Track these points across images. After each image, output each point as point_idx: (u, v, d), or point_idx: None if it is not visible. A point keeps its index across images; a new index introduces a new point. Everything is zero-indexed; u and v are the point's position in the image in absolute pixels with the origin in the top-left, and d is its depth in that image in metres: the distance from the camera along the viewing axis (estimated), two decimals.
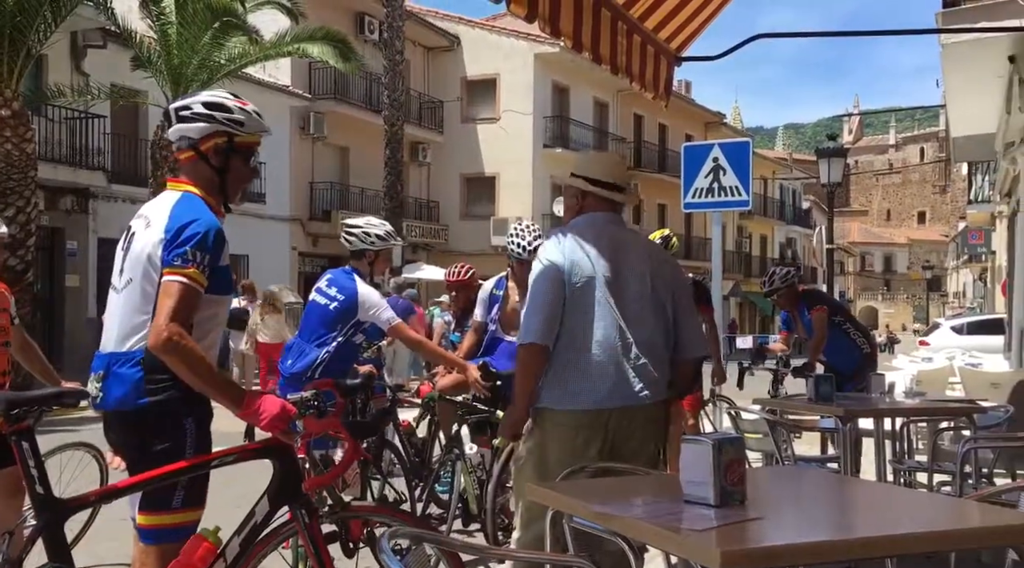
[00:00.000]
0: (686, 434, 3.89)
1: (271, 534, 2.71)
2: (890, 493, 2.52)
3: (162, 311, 2.36)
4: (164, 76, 14.77)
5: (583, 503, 2.29)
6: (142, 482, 2.44)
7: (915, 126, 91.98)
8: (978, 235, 29.53)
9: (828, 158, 13.12)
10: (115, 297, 2.60)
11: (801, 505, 2.42)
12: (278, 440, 2.58)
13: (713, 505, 2.06)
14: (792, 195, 47.26)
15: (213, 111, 2.56)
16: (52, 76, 15.58)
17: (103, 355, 2.56)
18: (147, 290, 2.48)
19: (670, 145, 32.51)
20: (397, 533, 2.08)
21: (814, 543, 1.90)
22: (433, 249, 26.37)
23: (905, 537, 1.96)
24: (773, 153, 61.28)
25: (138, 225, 2.61)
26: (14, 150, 12.57)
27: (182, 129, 2.57)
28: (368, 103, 23.72)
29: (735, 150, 7.48)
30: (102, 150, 16.66)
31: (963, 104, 9.10)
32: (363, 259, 4.45)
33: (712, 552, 1.74)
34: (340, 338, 4.33)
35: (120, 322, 2.54)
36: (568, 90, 28.56)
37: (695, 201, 7.49)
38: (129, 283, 2.54)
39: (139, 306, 2.50)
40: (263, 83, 20.47)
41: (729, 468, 2.09)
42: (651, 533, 1.98)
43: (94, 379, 2.55)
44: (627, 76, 4.12)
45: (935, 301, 59.22)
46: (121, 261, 2.60)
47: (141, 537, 2.55)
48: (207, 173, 2.59)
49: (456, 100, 27.28)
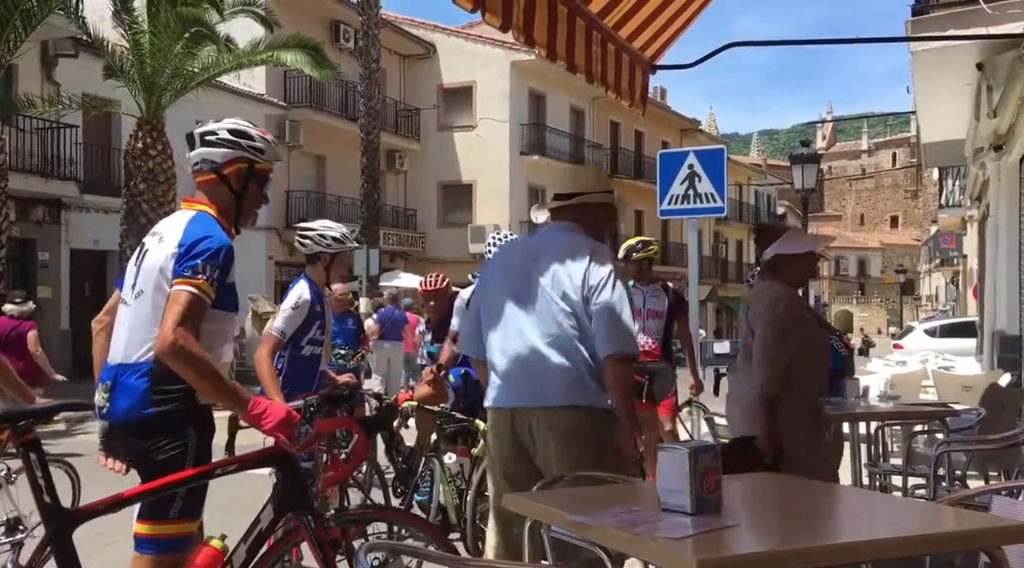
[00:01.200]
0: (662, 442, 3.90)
1: (279, 542, 2.79)
2: (865, 498, 2.54)
3: (169, 317, 2.44)
4: (137, 85, 14.65)
5: (560, 512, 2.28)
6: (150, 491, 2.48)
7: (887, 132, 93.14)
8: (950, 239, 29.94)
9: (802, 164, 13.25)
10: (125, 310, 2.67)
11: (777, 512, 2.43)
12: (281, 449, 2.65)
13: (690, 513, 2.07)
14: (767, 200, 47.68)
15: (238, 138, 2.72)
16: (23, 86, 15.39)
17: (111, 367, 2.62)
18: (158, 303, 2.55)
19: (646, 152, 32.71)
20: (375, 546, 2.06)
21: (790, 550, 1.91)
22: (411, 257, 26.31)
23: (881, 542, 1.98)
24: (748, 159, 61.82)
25: (151, 242, 2.69)
26: None
27: (206, 153, 2.71)
28: (344, 111, 23.65)
29: (710, 157, 7.54)
30: (74, 160, 16.48)
31: (933, 110, 9.23)
32: (318, 263, 4.28)
33: (688, 560, 1.74)
34: (284, 352, 4.14)
35: (129, 334, 2.61)
36: (545, 97, 28.65)
37: (671, 208, 7.53)
38: (140, 295, 2.62)
39: (149, 318, 2.57)
40: (238, 92, 20.35)
41: (705, 476, 2.10)
42: (628, 542, 1.98)
43: (101, 390, 2.60)
44: (603, 85, 4.14)
45: (909, 304, 59.90)
46: (134, 276, 2.68)
47: (137, 546, 2.58)
48: (226, 196, 2.73)
49: (432, 108, 27.28)
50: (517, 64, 26.33)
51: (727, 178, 7.55)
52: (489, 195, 26.90)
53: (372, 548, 2.08)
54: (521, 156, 27.18)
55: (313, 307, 4.19)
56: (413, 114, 27.02)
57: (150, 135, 14.88)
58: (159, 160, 14.97)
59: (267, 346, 4.04)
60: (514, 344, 3.05)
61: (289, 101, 22.52)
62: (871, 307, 70.12)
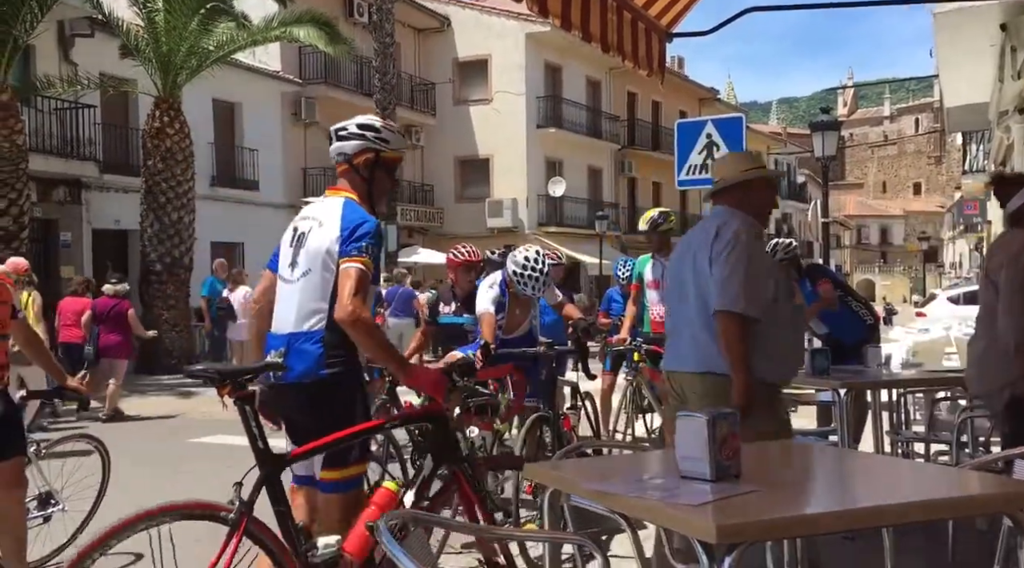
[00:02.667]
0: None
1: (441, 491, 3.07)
2: (887, 464, 2.53)
3: (345, 291, 2.77)
4: (153, 64, 14.67)
5: (580, 481, 2.29)
6: (332, 442, 2.82)
7: (909, 97, 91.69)
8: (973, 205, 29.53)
9: (822, 131, 13.06)
10: (288, 287, 3.00)
11: (798, 478, 2.43)
12: (436, 406, 3.05)
13: (709, 480, 2.07)
14: (787, 169, 47.19)
15: (364, 131, 3.02)
16: (40, 66, 15.45)
17: (282, 335, 2.95)
18: (325, 278, 2.89)
19: (664, 122, 32.39)
20: (395, 516, 2.09)
21: (811, 515, 1.91)
22: (429, 233, 26.32)
23: (902, 506, 1.97)
24: (767, 128, 61.16)
25: (306, 226, 3.02)
26: (4, 142, 12.51)
27: (340, 146, 3.04)
28: (359, 87, 23.57)
29: (728, 126, 7.44)
30: (93, 140, 16.55)
31: (956, 73, 9.06)
32: None
33: (708, 526, 1.74)
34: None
35: (299, 306, 2.93)
36: (560, 69, 28.40)
37: (689, 178, 7.46)
38: (307, 274, 2.94)
39: (318, 292, 2.91)
40: (253, 69, 20.34)
41: (724, 443, 2.10)
42: (647, 509, 1.99)
43: (275, 355, 2.92)
44: (619, 54, 4.09)
45: (932, 272, 59.27)
46: (292, 256, 3.01)
47: (322, 489, 2.94)
48: (359, 183, 3.04)
49: (448, 82, 27.12)
50: (532, 36, 26.09)
51: (746, 147, 7.47)
52: (506, 169, 26.80)
53: (392, 518, 2.10)
54: (537, 129, 27.02)
55: None
56: (429, 88, 26.89)
57: (167, 114, 14.92)
58: (176, 139, 15.01)
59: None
60: (674, 313, 3.57)
61: (304, 78, 22.47)
62: (893, 276, 69.45)
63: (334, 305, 2.82)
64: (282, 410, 2.99)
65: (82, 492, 4.61)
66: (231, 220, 19.46)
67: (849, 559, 3.89)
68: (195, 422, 9.69)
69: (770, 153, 43.75)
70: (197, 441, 8.49)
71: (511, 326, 5.28)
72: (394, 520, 2.11)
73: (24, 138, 13.13)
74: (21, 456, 3.82)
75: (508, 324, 5.26)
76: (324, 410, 2.87)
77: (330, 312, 2.84)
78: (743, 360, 3.17)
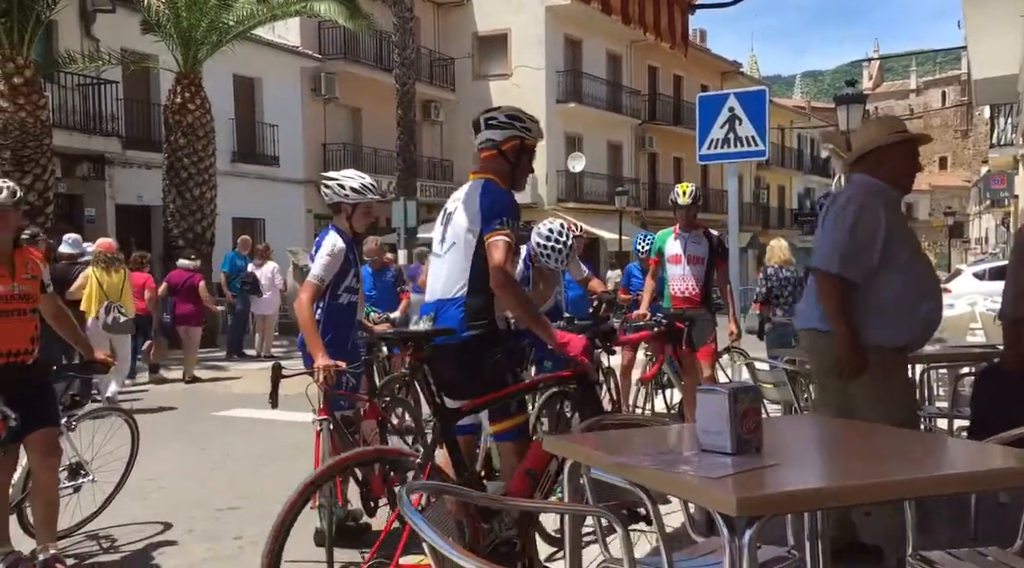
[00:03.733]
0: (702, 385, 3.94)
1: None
2: (910, 438, 2.52)
3: (495, 261, 3.15)
4: (174, 39, 14.69)
5: (600, 453, 2.30)
6: (493, 399, 3.24)
7: (936, 70, 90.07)
8: (1000, 179, 29.08)
9: (847, 105, 12.92)
10: (437, 260, 3.41)
11: (819, 451, 2.43)
12: (582, 368, 3.43)
13: (730, 453, 2.07)
14: (810, 144, 46.62)
15: (512, 120, 3.39)
16: (62, 42, 15.53)
17: (431, 303, 3.35)
18: (467, 251, 3.26)
19: (685, 96, 32.08)
20: (416, 486, 2.11)
21: (832, 487, 1.91)
22: None
23: (924, 480, 1.96)
24: (791, 102, 60.31)
25: (453, 206, 3.41)
26: (28, 118, 12.60)
27: (489, 134, 3.40)
28: (379, 62, 23.51)
29: (751, 99, 7.36)
30: (115, 116, 16.65)
31: (985, 45, 8.89)
32: (340, 213, 4.30)
33: (728, 498, 1.74)
34: (322, 301, 4.18)
35: (447, 276, 3.32)
36: (581, 43, 28.14)
37: (711, 153, 7.40)
38: (452, 247, 3.33)
39: (461, 264, 3.28)
40: (273, 44, 20.32)
41: (745, 416, 2.10)
42: (667, 482, 1.99)
43: (425, 320, 3.33)
44: (640, 27, 4.05)
45: (957, 248, 58.54)
46: (442, 233, 3.41)
47: (497, 439, 3.45)
48: (505, 167, 3.40)
49: (467, 57, 26.97)
50: (552, 9, 25.85)
51: (769, 121, 7.38)
52: None
53: (413, 489, 2.12)
54: (557, 104, 26.85)
55: (347, 255, 4.21)
56: (448, 63, 26.75)
57: (188, 90, 14.96)
58: (197, 114, 15.06)
59: (307, 293, 4.09)
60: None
61: (324, 53, 22.43)
62: None
63: (475, 274, 3.21)
64: (436, 369, 3.25)
65: (111, 464, 4.69)
66: (252, 196, 19.55)
67: (869, 535, 3.88)
68: (218, 396, 9.81)
69: (793, 127, 43.20)
70: (221, 414, 8.60)
71: (536, 301, 5.27)
72: (418, 491, 2.13)
73: (48, 114, 13.22)
74: (55, 426, 3.89)
75: (533, 299, 5.26)
76: (469, 367, 3.22)
77: (471, 280, 3.22)
78: (836, 318, 3.32)
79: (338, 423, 4.07)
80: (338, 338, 4.17)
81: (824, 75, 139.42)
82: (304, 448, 4.70)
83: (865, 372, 3.32)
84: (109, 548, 4.36)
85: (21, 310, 3.79)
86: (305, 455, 4.48)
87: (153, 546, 4.44)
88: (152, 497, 5.40)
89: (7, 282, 3.74)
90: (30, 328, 3.85)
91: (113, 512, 4.76)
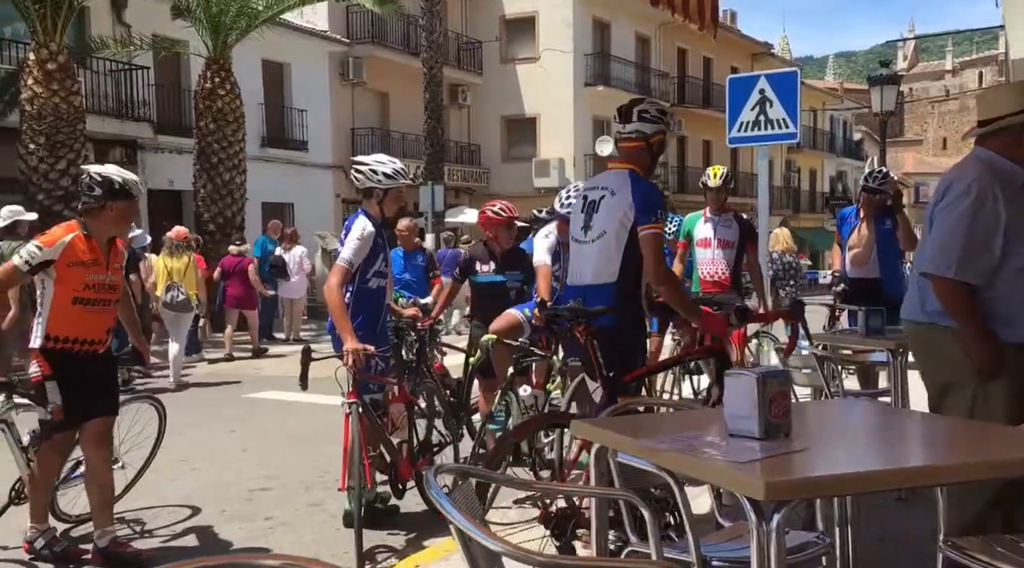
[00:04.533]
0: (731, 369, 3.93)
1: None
2: (941, 423, 2.48)
3: (651, 257, 3.43)
4: (203, 25, 14.77)
5: (628, 438, 2.30)
6: (639, 375, 3.58)
7: (973, 50, 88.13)
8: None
9: (881, 86, 12.68)
10: (582, 247, 3.65)
11: (849, 436, 2.40)
12: (718, 344, 3.67)
13: (758, 438, 2.05)
14: (843, 126, 45.93)
15: (661, 115, 3.68)
16: (94, 28, 15.68)
17: (579, 287, 3.62)
18: (619, 242, 3.50)
19: (715, 79, 31.70)
20: (443, 469, 2.11)
21: (861, 473, 1.89)
22: (475, 193, 26.30)
23: (957, 466, 1.93)
24: (823, 83, 59.39)
25: (597, 194, 3.63)
26: (62, 103, 12.76)
27: (640, 126, 3.61)
28: (406, 46, 23.48)
29: (782, 81, 7.26)
30: (147, 101, 16.81)
31: (1023, 23, 8.67)
32: (371, 198, 4.28)
33: (756, 483, 1.73)
34: (351, 285, 4.19)
35: (595, 264, 3.57)
36: (609, 26, 27.90)
37: (740, 135, 7.31)
38: (602, 236, 3.55)
39: (611, 252, 3.52)
40: (301, 29, 20.37)
41: (774, 401, 2.08)
42: (695, 466, 1.98)
43: (573, 304, 3.55)
44: (669, 8, 3.99)
45: None
46: (586, 220, 3.63)
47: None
48: (647, 159, 3.64)
49: (495, 40, 26.85)
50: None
51: (800, 103, 7.27)
52: (553, 128, 26.56)
53: (441, 471, 2.13)
54: (585, 87, 26.66)
55: (376, 239, 4.21)
56: (475, 47, 26.66)
57: (218, 75, 15.06)
58: (227, 99, 15.16)
59: (337, 277, 4.10)
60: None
61: (352, 37, 22.44)
62: None
63: (625, 263, 3.48)
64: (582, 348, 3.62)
65: (139, 448, 4.74)
66: (281, 181, 19.67)
67: (900, 520, 3.85)
68: (248, 378, 9.92)
69: (825, 109, 42.56)
70: (252, 397, 8.70)
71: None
72: (445, 473, 2.14)
73: (81, 99, 13.37)
74: (112, 416, 3.93)
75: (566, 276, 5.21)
76: (610, 348, 3.46)
77: (622, 268, 3.48)
78: (965, 320, 2.94)
79: (367, 406, 4.10)
80: (367, 322, 4.19)
81: (857, 56, 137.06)
82: (333, 431, 4.74)
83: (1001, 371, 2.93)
84: (142, 530, 4.43)
85: (107, 300, 3.83)
86: (334, 438, 4.53)
87: (186, 527, 4.52)
88: (184, 478, 5.49)
89: (103, 271, 3.78)
90: (110, 319, 3.90)
91: (145, 493, 4.84)
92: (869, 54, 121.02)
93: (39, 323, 3.75)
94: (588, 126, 27.03)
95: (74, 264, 3.69)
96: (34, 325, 3.79)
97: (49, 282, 3.70)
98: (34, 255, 3.66)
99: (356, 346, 3.92)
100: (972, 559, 2.27)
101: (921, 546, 3.39)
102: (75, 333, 3.74)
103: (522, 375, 4.96)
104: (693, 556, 2.19)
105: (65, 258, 3.68)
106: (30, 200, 12.61)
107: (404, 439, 4.45)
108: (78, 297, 3.71)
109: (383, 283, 4.35)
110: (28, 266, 3.65)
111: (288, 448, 6.30)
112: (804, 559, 2.33)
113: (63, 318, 3.71)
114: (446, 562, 3.73)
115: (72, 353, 3.73)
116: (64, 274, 3.68)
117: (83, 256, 3.72)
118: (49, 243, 3.69)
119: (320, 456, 5.82)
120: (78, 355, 3.74)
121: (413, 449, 4.49)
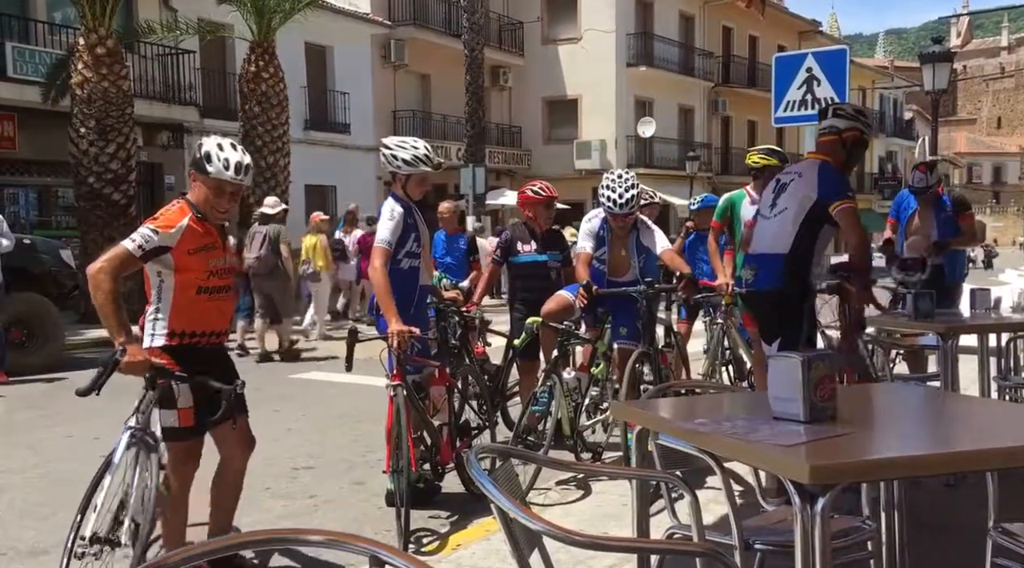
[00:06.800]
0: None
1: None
2: (992, 408, 2.43)
3: (848, 224, 3.79)
4: (248, 8, 14.89)
5: (670, 420, 2.28)
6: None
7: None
8: None
9: (933, 63, 12.32)
10: (766, 221, 4.05)
11: (896, 420, 2.36)
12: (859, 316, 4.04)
13: (803, 421, 2.03)
14: (893, 105, 44.84)
15: (858, 114, 4.01)
16: (142, 13, 15.92)
17: (754, 255, 4.08)
18: (798, 216, 3.87)
19: (761, 58, 31.14)
20: (484, 449, 2.13)
21: (907, 457, 1.85)
22: (516, 175, 26.25)
23: (1007, 450, 1.89)
24: (873, 61, 58.00)
25: (788, 178, 4.05)
26: (111, 88, 12.99)
27: (835, 121, 3.97)
28: (448, 28, 23.45)
29: (831, 59, 7.09)
30: (193, 85, 17.05)
31: None
32: (396, 181, 4.31)
33: (802, 466, 1.71)
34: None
35: (772, 235, 3.97)
36: (652, 4, 27.53)
37: (786, 115, 7.17)
38: (783, 212, 3.94)
39: (788, 226, 3.89)
40: (344, 12, 20.45)
41: (819, 384, 2.05)
42: (739, 449, 1.96)
43: (747, 269, 4.07)
44: None
45: None
46: (773, 199, 4.04)
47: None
48: (841, 153, 3.96)
49: (536, 20, 26.67)
50: None
51: (849, 82, 7.11)
52: (595, 109, 26.36)
53: (483, 451, 2.15)
54: (628, 68, 26.39)
55: (406, 219, 4.21)
56: (516, 28, 26.51)
57: (262, 58, 15.19)
58: (271, 83, 15.30)
59: (379, 258, 4.12)
60: None
61: (393, 19, 22.47)
62: (1007, 217, 65.77)
63: (800, 236, 3.83)
64: (754, 310, 4.15)
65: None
66: (323, 163, 19.84)
67: (948, 506, 3.78)
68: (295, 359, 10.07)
69: (875, 87, 41.60)
70: (298, 377, 8.83)
71: (616, 268, 5.16)
72: (486, 454, 2.15)
73: (129, 84, 13.60)
74: (245, 413, 3.52)
75: (612, 265, 5.16)
76: (779, 312, 3.89)
77: (796, 240, 3.83)
78: None
79: (409, 388, 4.13)
80: (400, 302, 4.19)
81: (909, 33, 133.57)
82: (376, 411, 4.79)
83: None
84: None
85: (229, 287, 3.44)
86: (378, 419, 4.57)
87: None
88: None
89: (220, 255, 3.35)
90: (231, 306, 3.65)
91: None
92: (921, 31, 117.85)
93: (156, 319, 3.26)
94: (630, 107, 26.77)
95: (196, 251, 3.23)
96: (146, 322, 3.29)
97: (168, 272, 3.22)
98: (149, 239, 3.13)
99: (401, 328, 3.93)
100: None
101: (970, 533, 3.33)
102: (201, 326, 3.30)
103: (564, 358, 4.95)
104: (736, 539, 2.17)
105: (185, 244, 3.20)
106: (80, 183, 12.91)
107: (445, 422, 4.47)
108: (203, 286, 3.26)
109: (416, 264, 4.34)
110: (141, 251, 3.12)
111: (332, 428, 6.39)
112: (849, 543, 2.31)
113: (188, 311, 3.26)
114: (487, 541, 3.75)
115: (198, 348, 3.30)
116: (186, 262, 3.21)
117: (203, 240, 3.26)
118: (166, 226, 3.17)
119: (363, 435, 5.90)
120: (204, 350, 3.33)
121: (453, 432, 4.52)
